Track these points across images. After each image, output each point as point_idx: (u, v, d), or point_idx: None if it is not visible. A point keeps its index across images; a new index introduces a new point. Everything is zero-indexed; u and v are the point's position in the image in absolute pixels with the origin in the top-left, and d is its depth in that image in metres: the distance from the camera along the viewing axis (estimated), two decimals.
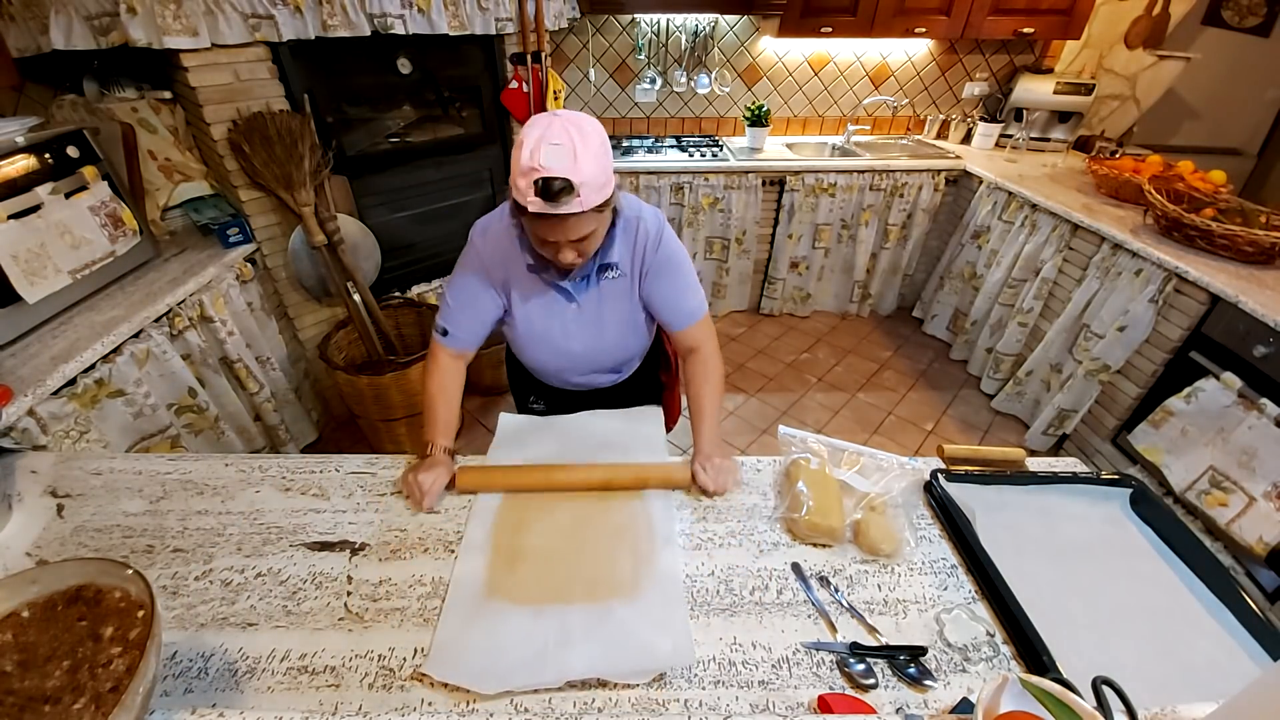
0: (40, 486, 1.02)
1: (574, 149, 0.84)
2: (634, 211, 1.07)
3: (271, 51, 1.79)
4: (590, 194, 0.87)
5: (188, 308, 1.67)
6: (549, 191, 0.83)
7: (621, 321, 1.15)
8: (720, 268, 3.15)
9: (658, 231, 1.08)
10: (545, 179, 0.83)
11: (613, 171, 0.92)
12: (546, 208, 0.85)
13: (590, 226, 0.92)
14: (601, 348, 1.18)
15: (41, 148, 1.46)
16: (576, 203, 0.86)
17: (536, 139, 0.84)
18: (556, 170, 0.83)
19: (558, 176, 0.83)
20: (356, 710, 0.70)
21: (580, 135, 0.85)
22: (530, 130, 0.86)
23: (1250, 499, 1.63)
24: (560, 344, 1.15)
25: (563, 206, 0.85)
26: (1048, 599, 0.83)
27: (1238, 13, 2.99)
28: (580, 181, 0.84)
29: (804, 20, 2.70)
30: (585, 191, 0.86)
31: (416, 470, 1.00)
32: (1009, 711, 0.56)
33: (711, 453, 1.05)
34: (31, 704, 0.56)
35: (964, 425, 2.59)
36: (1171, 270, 1.88)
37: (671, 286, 1.11)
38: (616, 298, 1.12)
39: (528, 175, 0.84)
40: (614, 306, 1.13)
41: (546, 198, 0.84)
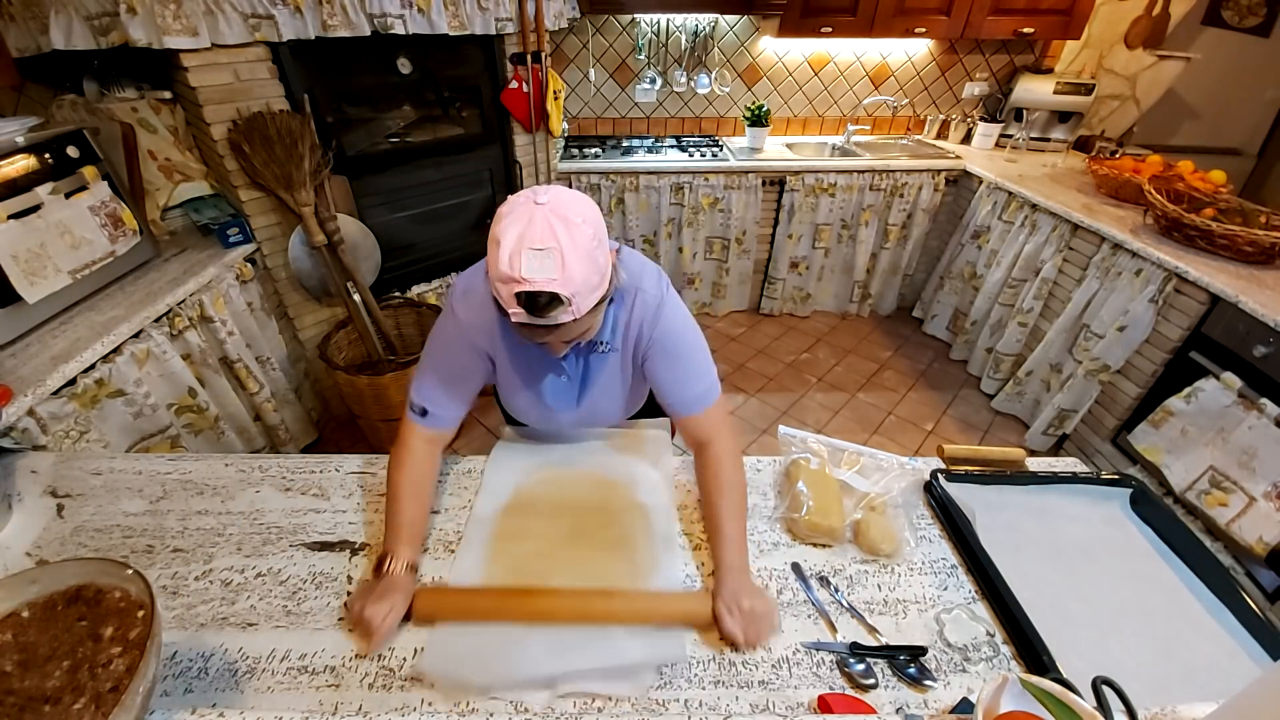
0: (40, 486, 1.02)
1: (561, 254, 0.70)
2: (633, 282, 0.92)
3: (271, 51, 1.79)
4: (583, 300, 0.74)
5: (188, 308, 1.67)
6: (534, 306, 0.72)
7: (612, 392, 1.04)
8: (720, 268, 3.15)
9: (657, 304, 0.93)
10: (529, 293, 0.71)
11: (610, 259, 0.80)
12: (533, 320, 0.74)
13: (584, 327, 0.81)
14: (591, 414, 1.07)
15: (41, 148, 1.46)
16: (567, 313, 0.73)
17: (515, 240, 0.71)
18: (541, 283, 0.70)
19: (543, 290, 0.70)
20: (356, 710, 0.70)
21: (567, 231, 0.71)
22: (508, 225, 0.72)
23: (1250, 499, 1.63)
24: (547, 414, 1.05)
25: (551, 319, 0.73)
26: (1048, 599, 0.83)
27: (1238, 13, 2.99)
28: (571, 293, 0.71)
29: (804, 20, 2.70)
30: (577, 300, 0.73)
31: (366, 598, 0.79)
32: (1009, 711, 0.56)
33: (739, 590, 0.81)
34: (31, 704, 0.56)
35: (964, 425, 2.59)
36: (1171, 270, 1.88)
37: (673, 368, 0.96)
38: (608, 373, 1.01)
39: (508, 285, 0.71)
40: (604, 378, 1.01)
41: (531, 311, 0.72)
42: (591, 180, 2.79)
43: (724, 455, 0.95)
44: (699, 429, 0.98)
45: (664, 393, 0.98)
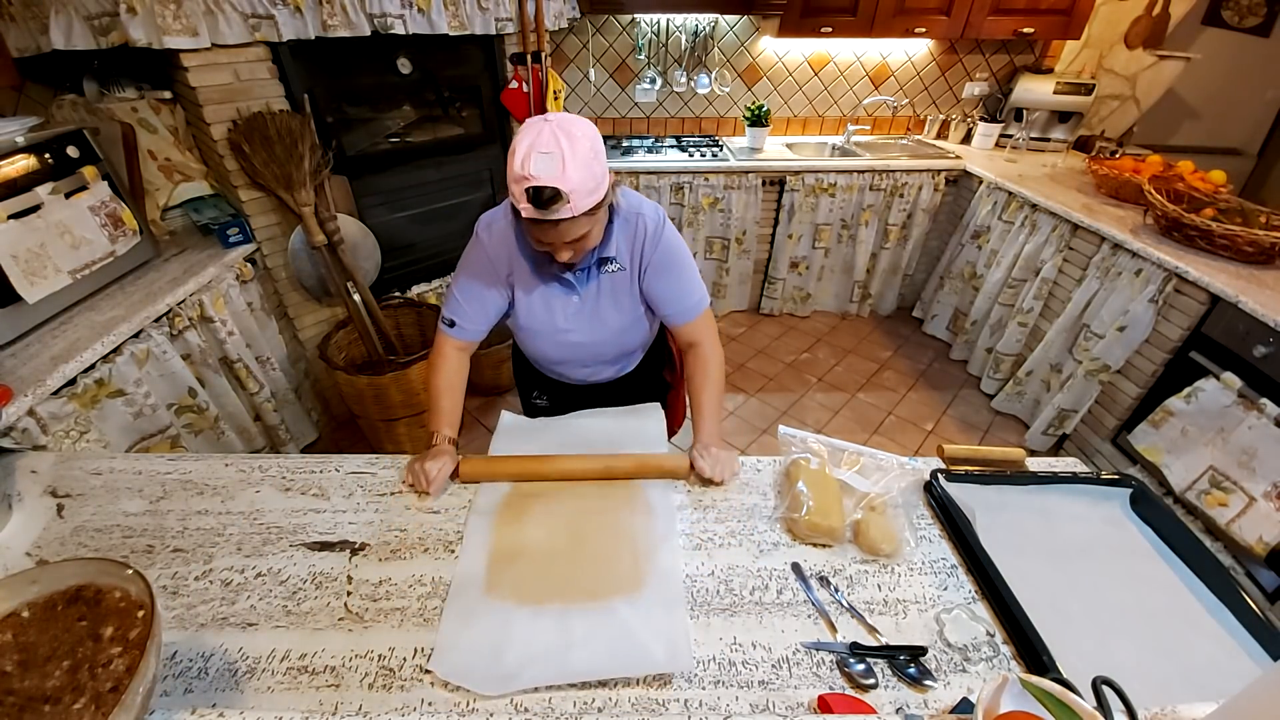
0: (40, 486, 1.02)
1: (562, 158, 0.87)
2: (634, 209, 1.10)
3: (271, 51, 1.79)
4: (580, 200, 0.89)
5: (188, 308, 1.67)
6: (539, 200, 0.87)
7: (621, 314, 1.17)
8: (720, 268, 3.15)
9: (657, 228, 1.10)
10: (535, 188, 0.86)
11: (606, 173, 0.95)
12: (538, 214, 0.89)
13: (583, 229, 0.95)
14: (601, 339, 1.19)
15: (41, 148, 1.46)
16: (567, 209, 0.89)
17: (527, 147, 0.87)
18: (545, 179, 0.86)
19: (546, 185, 0.86)
20: (356, 710, 0.70)
21: (569, 142, 0.87)
22: (523, 137, 0.89)
23: (1250, 499, 1.63)
24: (561, 335, 1.17)
25: (553, 213, 0.89)
26: (1048, 599, 0.83)
27: (1238, 13, 2.99)
28: (569, 190, 0.87)
29: (804, 20, 2.70)
30: (575, 198, 0.88)
31: (422, 459, 1.03)
32: (1009, 711, 0.56)
33: (710, 443, 1.08)
34: (31, 704, 0.56)
35: (964, 425, 2.59)
36: (1171, 270, 1.88)
37: (671, 282, 1.14)
38: (616, 291, 1.14)
39: (519, 183, 0.88)
40: (613, 299, 1.15)
41: (537, 205, 0.87)
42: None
43: (710, 353, 1.18)
44: (691, 333, 1.18)
45: (662, 303, 1.16)
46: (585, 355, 1.23)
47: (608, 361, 1.27)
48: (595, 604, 0.82)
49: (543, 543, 0.92)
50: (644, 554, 0.90)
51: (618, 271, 1.12)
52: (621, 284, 1.14)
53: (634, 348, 1.27)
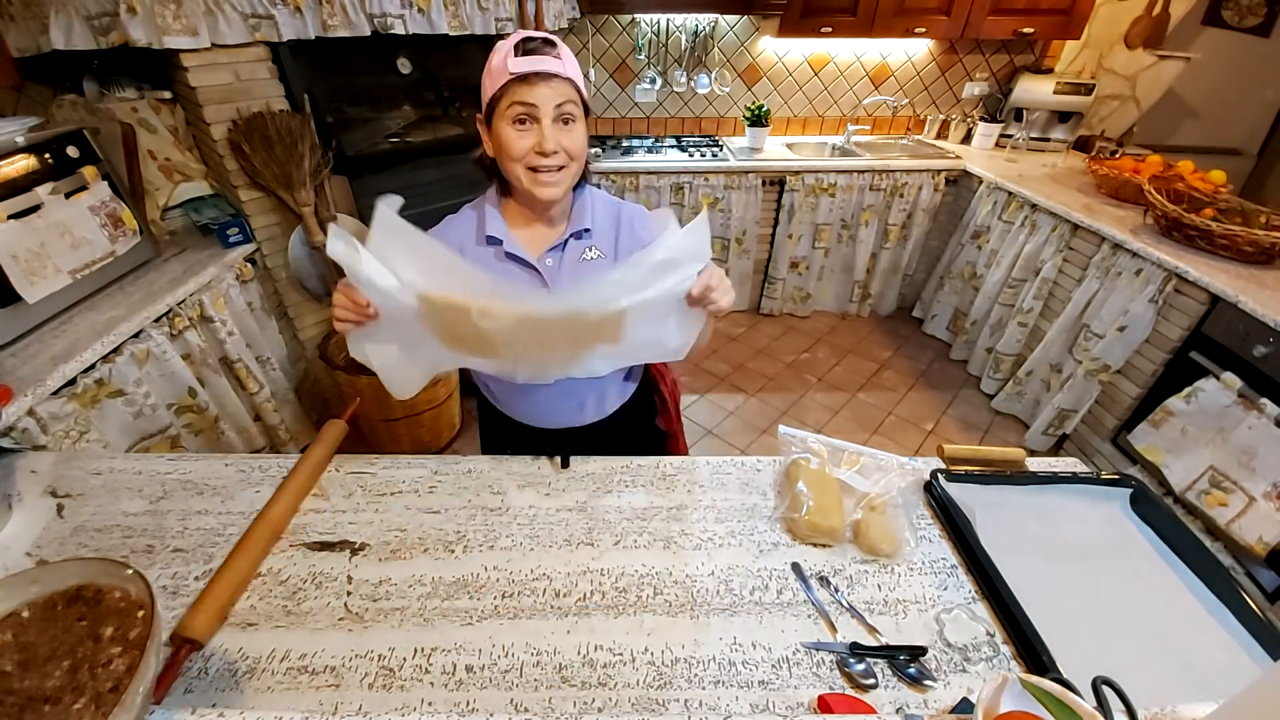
0: (40, 486, 1.02)
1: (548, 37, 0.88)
2: (610, 198, 1.06)
3: (271, 51, 1.79)
4: (569, 64, 0.88)
5: (188, 308, 1.67)
6: (528, 45, 0.85)
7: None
8: (720, 268, 3.14)
9: (642, 214, 1.04)
10: (526, 37, 0.86)
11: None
12: (530, 63, 0.84)
13: (571, 97, 0.87)
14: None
15: (41, 148, 1.46)
16: (556, 62, 0.86)
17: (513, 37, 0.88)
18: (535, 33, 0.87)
19: (538, 35, 0.87)
20: (356, 710, 0.70)
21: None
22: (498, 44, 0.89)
23: (1250, 499, 1.63)
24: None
25: (544, 61, 0.85)
26: (1048, 599, 0.83)
27: (1238, 13, 2.99)
28: (559, 44, 0.87)
29: (804, 20, 2.70)
30: (565, 55, 0.87)
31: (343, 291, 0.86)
32: (1009, 711, 0.56)
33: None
34: (31, 704, 0.56)
35: (964, 425, 2.59)
36: (1171, 270, 1.88)
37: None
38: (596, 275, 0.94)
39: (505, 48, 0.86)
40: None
41: (527, 52, 0.85)
42: (591, 180, 2.79)
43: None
44: None
45: None
46: (559, 379, 1.01)
47: (594, 382, 1.07)
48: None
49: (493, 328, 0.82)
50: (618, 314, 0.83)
51: (597, 258, 0.98)
52: (603, 270, 0.96)
53: (610, 380, 1.07)
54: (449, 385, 2.27)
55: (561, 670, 0.75)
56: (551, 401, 1.10)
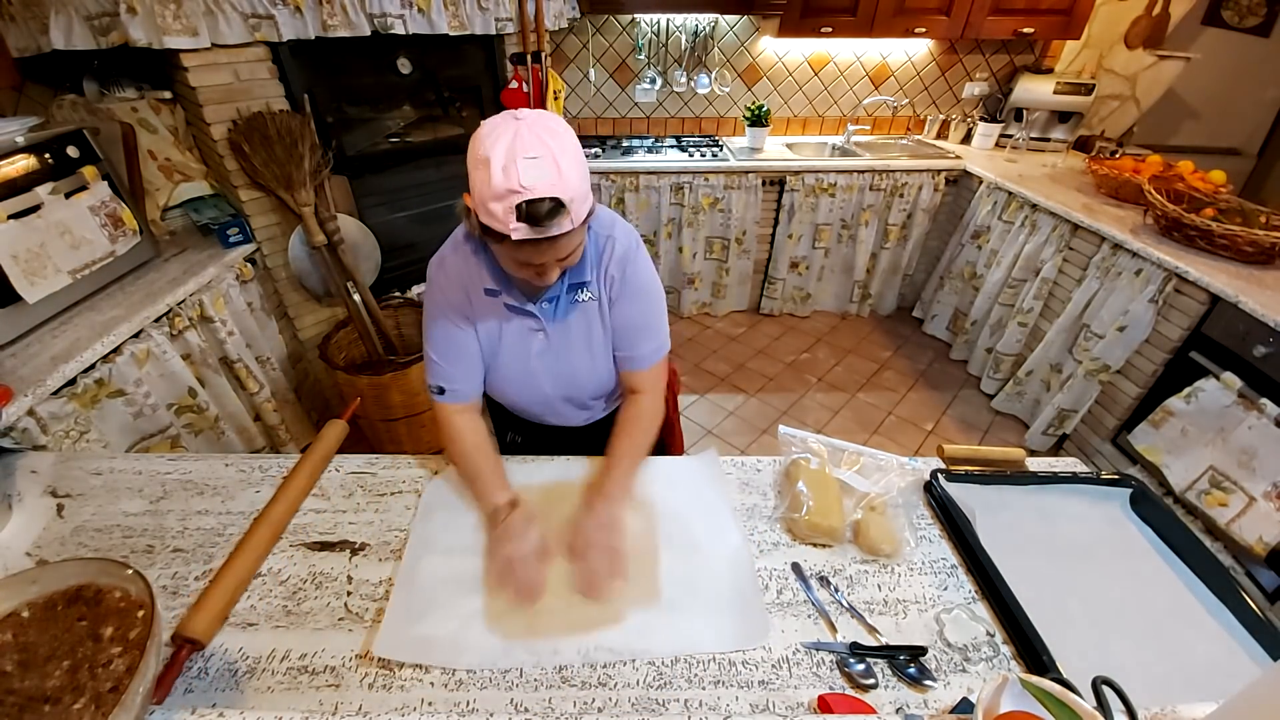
0: (40, 486, 1.02)
1: (555, 159, 0.73)
2: (604, 228, 0.96)
3: (271, 51, 1.79)
4: (579, 207, 0.77)
5: (188, 308, 1.67)
6: (537, 216, 0.72)
7: (592, 352, 1.02)
8: (720, 268, 3.15)
9: (629, 250, 0.96)
10: (530, 201, 0.71)
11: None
12: (534, 233, 0.74)
13: (578, 241, 0.83)
14: (570, 376, 1.04)
15: (41, 148, 1.46)
16: (568, 220, 0.75)
17: (505, 153, 0.72)
18: (541, 188, 0.71)
19: (545, 196, 0.72)
20: (356, 710, 0.70)
21: (555, 140, 0.74)
22: (493, 142, 0.72)
23: (1250, 499, 1.63)
24: (529, 378, 1.03)
25: (553, 229, 0.74)
26: (1048, 599, 0.83)
27: (1238, 13, 2.99)
28: (570, 197, 0.74)
29: (804, 20, 2.70)
30: (575, 207, 0.75)
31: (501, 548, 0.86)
32: (1009, 711, 0.56)
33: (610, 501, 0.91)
34: (31, 704, 0.56)
35: (964, 425, 2.59)
36: (1171, 270, 1.88)
37: (636, 314, 1.00)
38: (588, 325, 1.00)
39: (505, 199, 0.72)
40: (585, 335, 1.01)
41: (535, 223, 0.73)
42: (591, 180, 2.78)
43: (649, 407, 1.04)
44: (639, 381, 1.05)
45: (623, 340, 1.02)
46: (556, 399, 1.08)
47: (581, 405, 1.12)
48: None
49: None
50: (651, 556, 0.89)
51: (588, 301, 0.97)
52: (592, 315, 0.99)
53: (606, 388, 1.10)
54: None
55: (561, 670, 0.75)
56: (558, 413, 1.14)
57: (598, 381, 1.07)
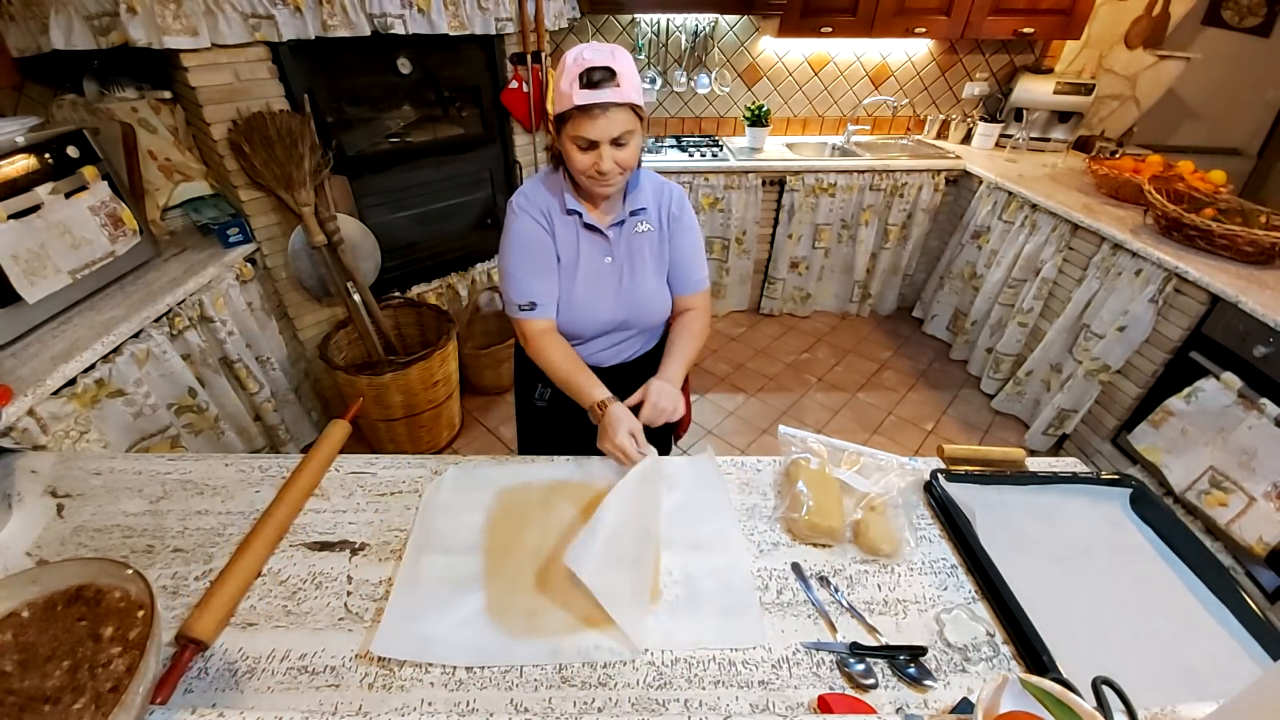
0: (40, 486, 1.02)
1: (612, 53, 0.96)
2: (659, 178, 1.21)
3: (271, 51, 1.79)
4: (628, 87, 0.96)
5: (188, 308, 1.67)
6: (592, 78, 0.93)
7: (651, 275, 1.20)
8: (720, 268, 3.15)
9: (682, 197, 1.21)
10: (590, 68, 0.93)
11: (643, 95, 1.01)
12: (591, 96, 0.94)
13: (628, 125, 0.98)
14: (635, 302, 1.20)
15: (41, 148, 1.46)
16: (616, 92, 0.94)
17: (577, 52, 0.96)
18: (599, 61, 0.94)
19: (600, 65, 0.94)
20: (356, 710, 0.70)
21: (615, 51, 0.97)
22: (568, 54, 0.98)
23: (1250, 499, 1.63)
24: (596, 293, 1.17)
25: (605, 93, 0.94)
26: (1048, 599, 0.83)
27: (1238, 13, 2.99)
28: (620, 71, 0.94)
29: (804, 20, 2.70)
30: (624, 82, 0.95)
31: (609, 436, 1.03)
32: (1009, 711, 0.56)
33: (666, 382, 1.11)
34: (31, 704, 0.56)
35: (964, 425, 2.59)
36: (1171, 270, 1.88)
37: (689, 247, 1.21)
38: (646, 251, 1.18)
39: (571, 73, 0.94)
40: (644, 260, 1.18)
41: (590, 84, 0.94)
42: None
43: (699, 317, 1.25)
44: (692, 301, 1.25)
45: (678, 268, 1.21)
46: (617, 321, 1.21)
47: (637, 333, 1.27)
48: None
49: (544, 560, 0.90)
50: None
51: (647, 231, 1.17)
52: (651, 244, 1.18)
53: (660, 319, 1.27)
54: (449, 385, 2.27)
55: (561, 670, 0.75)
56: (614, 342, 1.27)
57: (652, 307, 1.23)
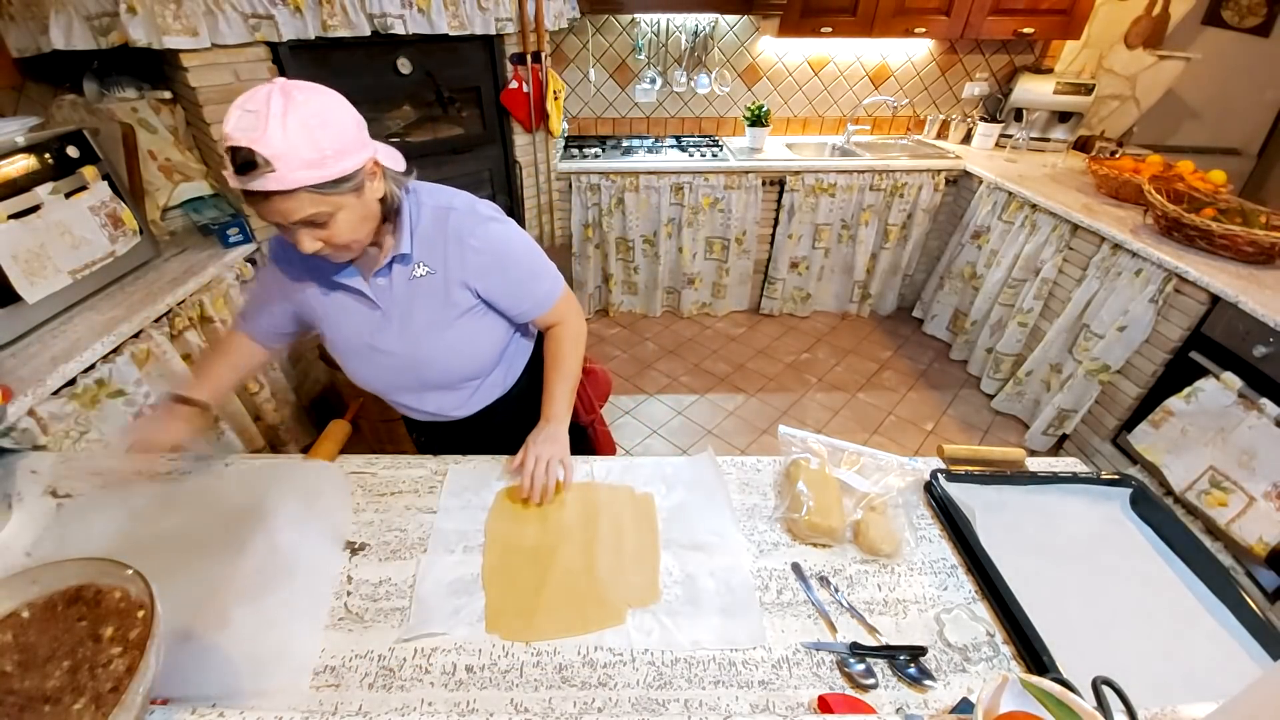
0: (40, 486, 1.02)
1: (266, 117, 0.71)
2: (443, 204, 0.95)
3: (271, 51, 1.79)
4: (293, 170, 0.73)
5: (188, 308, 1.67)
6: (236, 163, 0.72)
7: (440, 328, 0.98)
8: (720, 268, 3.15)
9: (468, 221, 0.95)
10: (231, 148, 0.72)
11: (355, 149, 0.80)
12: (238, 181, 0.74)
13: (311, 209, 0.77)
14: (424, 360, 1.01)
15: (41, 148, 1.46)
16: (273, 179, 0.72)
17: (236, 105, 0.74)
18: (242, 140, 0.71)
19: (242, 147, 0.71)
20: (356, 710, 0.70)
21: (284, 102, 0.73)
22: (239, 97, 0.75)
23: (1250, 499, 1.63)
24: (375, 356, 1.01)
25: (255, 182, 0.72)
26: (1048, 599, 0.83)
27: (1238, 13, 2.99)
28: (270, 154, 0.71)
29: (804, 20, 2.70)
30: (283, 166, 0.72)
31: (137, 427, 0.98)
32: (1009, 711, 0.56)
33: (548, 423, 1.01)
34: (31, 704, 0.56)
35: (964, 425, 2.59)
36: (1171, 270, 1.88)
37: (504, 280, 0.99)
38: (429, 300, 0.96)
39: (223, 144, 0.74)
40: (427, 311, 0.97)
41: (236, 170, 0.73)
42: (591, 180, 2.79)
43: (563, 333, 1.08)
44: (547, 319, 1.08)
45: (509, 304, 1.02)
46: (412, 381, 1.05)
47: (447, 388, 1.08)
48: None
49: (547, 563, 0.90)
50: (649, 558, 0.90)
51: (426, 275, 0.95)
52: (435, 290, 0.96)
53: (479, 370, 1.08)
54: None
55: (561, 670, 0.75)
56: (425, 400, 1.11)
57: (460, 361, 1.04)
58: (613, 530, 0.95)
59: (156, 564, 0.66)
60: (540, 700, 0.72)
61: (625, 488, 1.03)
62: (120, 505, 0.95)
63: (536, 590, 0.85)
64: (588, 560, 0.90)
